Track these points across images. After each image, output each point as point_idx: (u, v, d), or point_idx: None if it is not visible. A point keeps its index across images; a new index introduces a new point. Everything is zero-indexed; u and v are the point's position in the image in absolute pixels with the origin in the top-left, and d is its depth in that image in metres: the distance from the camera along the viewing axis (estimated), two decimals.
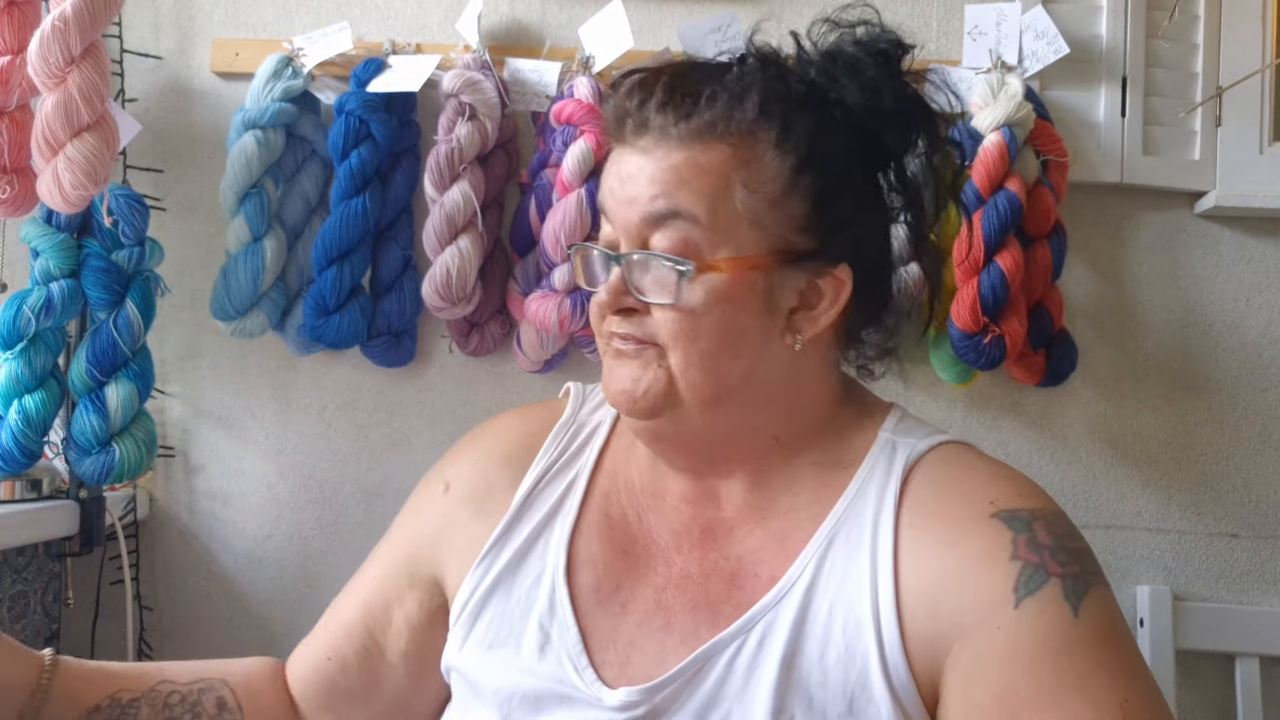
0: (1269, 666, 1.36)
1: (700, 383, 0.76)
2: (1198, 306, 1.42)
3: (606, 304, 0.78)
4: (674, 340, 0.76)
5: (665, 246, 0.75)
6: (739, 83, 0.77)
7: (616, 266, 0.77)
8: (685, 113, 0.75)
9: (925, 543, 0.74)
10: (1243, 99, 1.38)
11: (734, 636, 0.75)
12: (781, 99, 0.76)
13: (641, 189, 0.75)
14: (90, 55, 1.08)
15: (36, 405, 1.21)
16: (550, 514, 0.86)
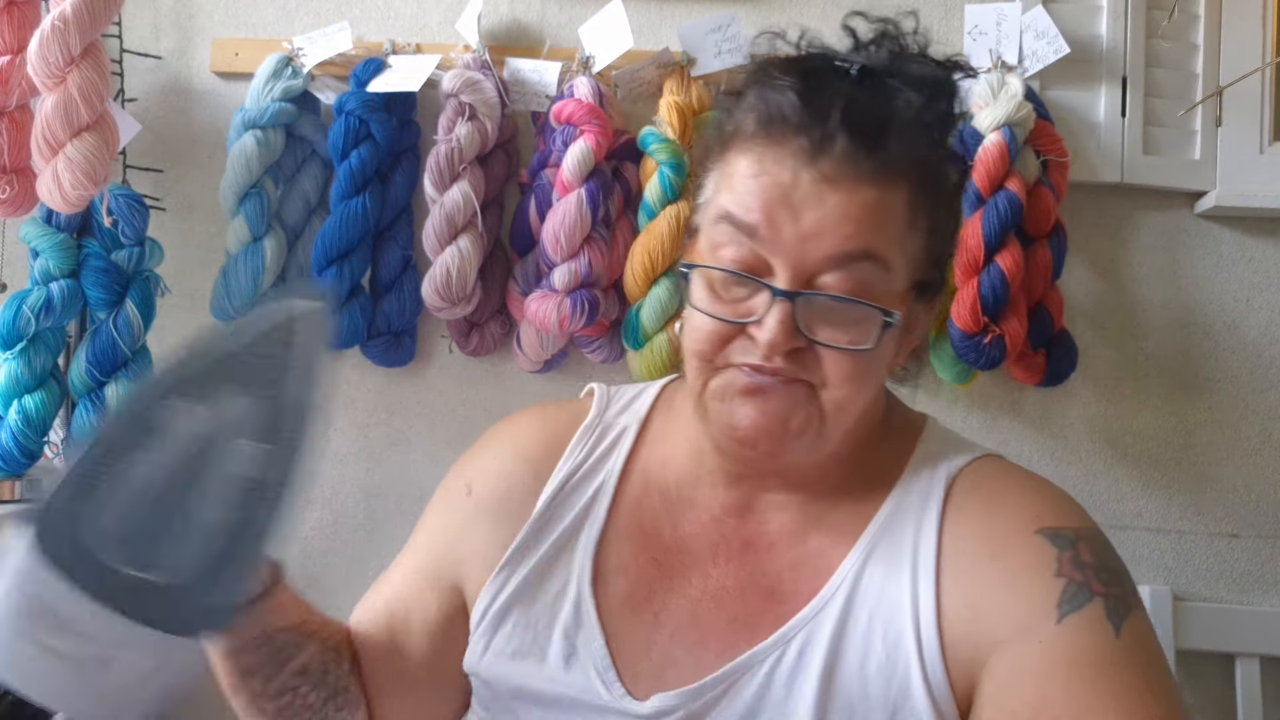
0: (1269, 666, 1.36)
1: (848, 419, 0.75)
2: (1198, 306, 1.42)
3: (778, 345, 0.70)
4: (843, 382, 0.72)
5: (844, 287, 0.70)
6: (913, 112, 0.72)
7: (783, 303, 0.70)
8: (875, 143, 0.70)
9: (968, 556, 0.74)
10: (1243, 99, 1.38)
11: (773, 647, 0.75)
12: (941, 130, 0.74)
13: (830, 226, 0.69)
14: (90, 55, 1.08)
15: (36, 405, 1.21)
16: (577, 521, 0.83)
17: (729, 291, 0.73)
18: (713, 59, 1.36)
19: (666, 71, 1.37)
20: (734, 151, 0.74)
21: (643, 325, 1.31)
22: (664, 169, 1.30)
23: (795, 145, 0.70)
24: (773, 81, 0.73)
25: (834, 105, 0.70)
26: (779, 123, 0.71)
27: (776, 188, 0.70)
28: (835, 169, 0.69)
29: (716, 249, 0.73)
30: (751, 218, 0.71)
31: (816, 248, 0.69)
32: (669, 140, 1.31)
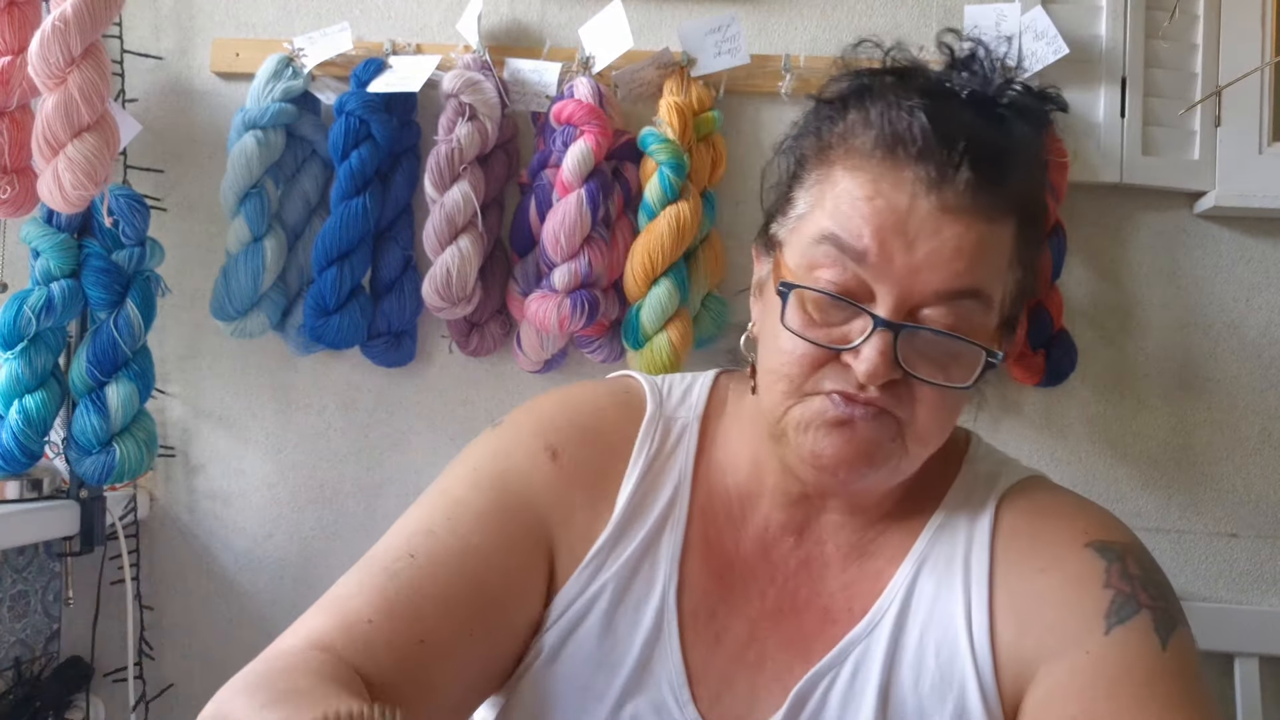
0: (1268, 666, 1.36)
1: (927, 454, 0.74)
2: (1197, 307, 1.42)
3: (876, 375, 0.67)
4: (932, 418, 0.70)
5: (946, 323, 0.68)
6: (1028, 147, 0.71)
7: (885, 333, 0.67)
8: (995, 179, 0.68)
9: (1019, 568, 0.74)
10: (1242, 99, 1.38)
11: (828, 669, 0.74)
12: (1042, 165, 0.73)
13: (944, 259, 0.67)
14: (90, 55, 1.08)
15: (37, 405, 1.21)
16: (659, 524, 0.78)
17: (825, 314, 0.70)
18: (712, 59, 1.36)
19: (666, 72, 1.37)
20: (840, 168, 0.71)
21: (643, 325, 1.31)
22: (664, 169, 1.30)
23: (918, 171, 0.67)
24: (899, 101, 0.70)
25: (960, 134, 0.68)
26: (903, 145, 0.68)
27: (892, 213, 0.67)
28: (956, 200, 0.67)
29: (814, 269, 0.70)
30: (862, 243, 0.68)
31: (927, 281, 0.67)
32: (669, 140, 1.31)
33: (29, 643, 1.36)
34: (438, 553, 0.74)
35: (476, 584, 0.73)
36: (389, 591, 0.71)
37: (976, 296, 0.68)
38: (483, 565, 0.74)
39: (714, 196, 1.39)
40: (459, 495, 0.77)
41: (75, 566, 1.38)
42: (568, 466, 0.79)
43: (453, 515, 0.76)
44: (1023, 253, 0.72)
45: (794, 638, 0.77)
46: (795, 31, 1.43)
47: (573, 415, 0.82)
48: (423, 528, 0.76)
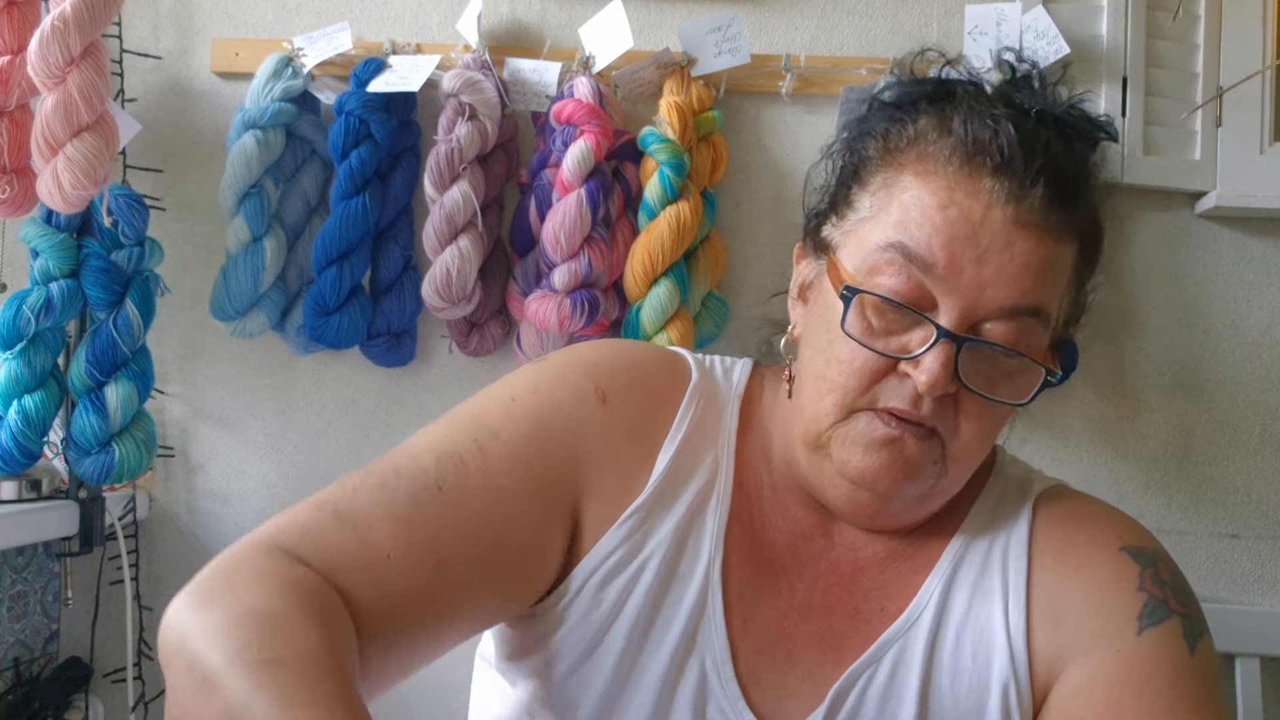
0: (1269, 666, 1.36)
1: (966, 473, 0.74)
2: (1198, 307, 1.42)
3: (937, 386, 0.66)
4: (978, 434, 0.70)
5: (1007, 339, 0.67)
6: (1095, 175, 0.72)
7: (947, 344, 0.66)
8: (1068, 199, 0.68)
9: (1056, 568, 0.75)
10: (1243, 99, 1.38)
11: (864, 667, 0.74)
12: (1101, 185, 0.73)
13: (1012, 276, 0.66)
14: (90, 55, 1.08)
15: (36, 405, 1.21)
16: (703, 494, 0.76)
17: (886, 322, 0.69)
18: (713, 59, 1.36)
19: (667, 71, 1.37)
20: (911, 174, 0.70)
21: (643, 325, 1.31)
22: (664, 169, 1.30)
23: (996, 183, 0.67)
24: (985, 111, 0.70)
25: (1039, 149, 0.68)
26: (984, 156, 0.67)
27: (965, 223, 0.66)
28: (1030, 215, 0.67)
29: (875, 275, 0.69)
30: (932, 253, 0.67)
31: (993, 295, 0.67)
32: (669, 140, 1.30)
33: (28, 643, 1.36)
34: (466, 489, 0.70)
35: (498, 525, 0.70)
36: (415, 523, 0.67)
37: (1038, 315, 0.68)
38: (508, 509, 0.71)
39: (714, 196, 1.38)
40: (494, 425, 0.73)
41: (74, 567, 1.38)
42: (617, 411, 0.76)
43: (486, 448, 0.72)
44: (1080, 275, 0.73)
45: (824, 635, 0.76)
46: (796, 31, 1.43)
47: (623, 363, 0.79)
48: (453, 452, 0.71)
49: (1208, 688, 0.70)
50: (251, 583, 0.60)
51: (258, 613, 0.57)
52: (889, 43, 1.42)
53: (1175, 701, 0.68)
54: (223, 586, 0.60)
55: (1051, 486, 0.81)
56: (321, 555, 0.64)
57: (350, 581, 0.64)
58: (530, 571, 0.73)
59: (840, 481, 0.71)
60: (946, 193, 0.68)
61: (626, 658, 0.74)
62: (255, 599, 0.58)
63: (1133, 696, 0.68)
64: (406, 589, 0.66)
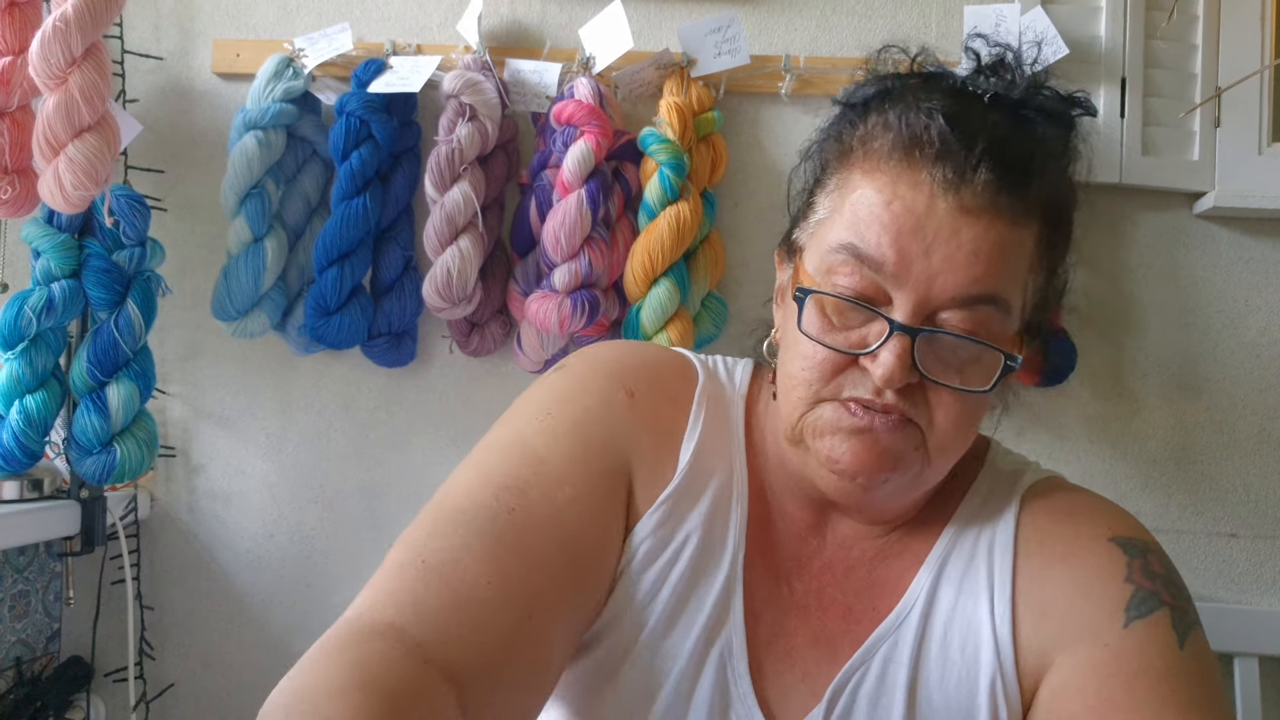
0: (1268, 666, 1.36)
1: (949, 463, 0.74)
2: (1196, 307, 1.42)
3: (893, 379, 0.67)
4: (953, 425, 0.70)
5: (964, 327, 0.67)
6: (1054, 155, 0.71)
7: (902, 337, 0.67)
8: (1016, 181, 0.67)
9: (1041, 559, 0.75)
10: (1241, 100, 1.38)
11: (856, 667, 0.75)
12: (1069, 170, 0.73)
13: (961, 263, 0.66)
14: (91, 56, 1.08)
15: (38, 405, 1.21)
16: (724, 489, 0.77)
17: (843, 319, 0.70)
18: (712, 60, 1.37)
19: (666, 72, 1.37)
20: (859, 172, 0.71)
21: (643, 325, 1.31)
22: (664, 169, 1.30)
23: (936, 172, 0.67)
24: (918, 103, 0.70)
25: (980, 134, 0.67)
26: (920, 147, 0.68)
27: (910, 216, 0.67)
28: (975, 200, 0.66)
29: (831, 274, 0.70)
30: (880, 253, 0.67)
31: (944, 285, 0.67)
32: (669, 140, 1.31)
33: (30, 643, 1.37)
34: (533, 513, 0.70)
35: (571, 543, 0.71)
36: (499, 555, 0.66)
37: (994, 302, 0.68)
38: (574, 524, 0.71)
39: (714, 196, 1.39)
40: (538, 446, 0.74)
41: (76, 566, 1.39)
42: (641, 409, 0.78)
43: (539, 470, 0.72)
44: (1046, 257, 0.72)
45: (820, 635, 0.77)
46: (795, 32, 1.44)
47: (640, 363, 0.81)
48: (510, 484, 0.71)
49: (1200, 680, 0.69)
50: (324, 664, 0.58)
51: (303, 692, 0.56)
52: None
53: (1167, 695, 0.67)
54: (302, 670, 0.58)
55: (1043, 479, 0.81)
56: (420, 614, 0.62)
57: (450, 628, 0.62)
58: (602, 577, 0.74)
59: (825, 472, 0.72)
60: (890, 188, 0.68)
61: (653, 643, 0.75)
62: (312, 680, 0.57)
63: (1122, 690, 0.67)
64: (505, 623, 0.64)
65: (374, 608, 0.63)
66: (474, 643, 0.62)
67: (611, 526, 0.75)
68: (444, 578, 0.64)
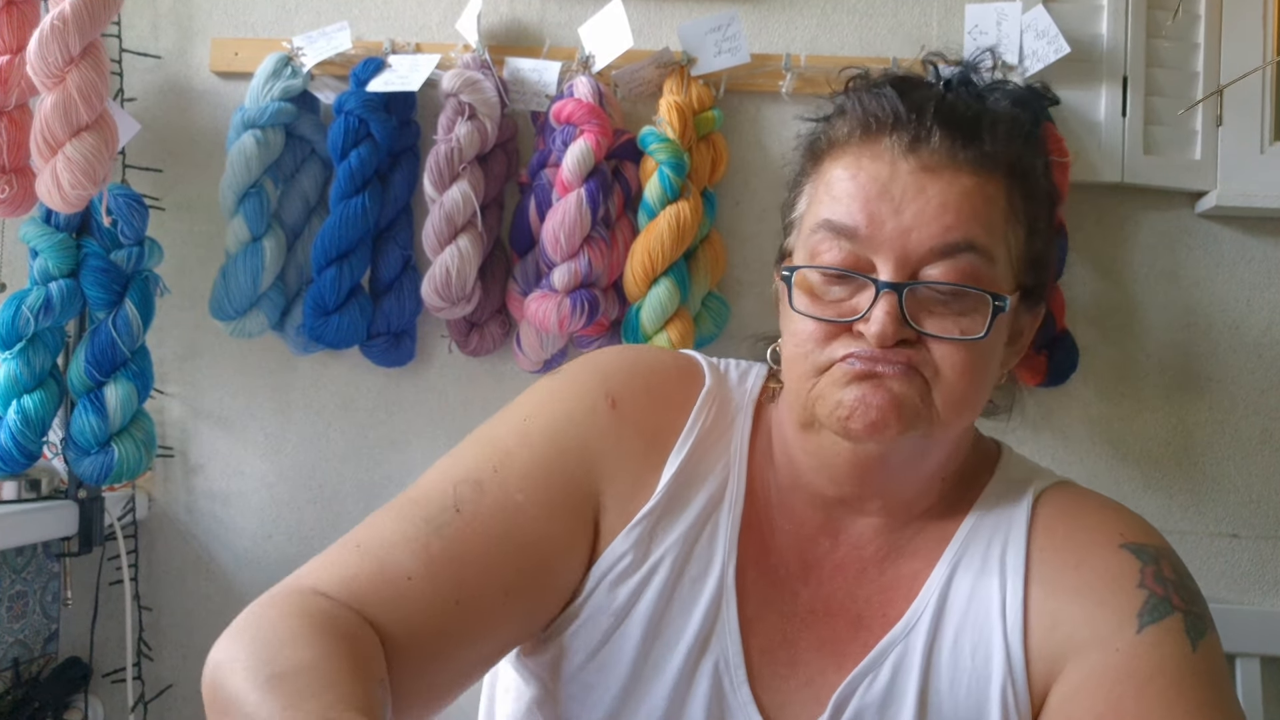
0: (1271, 667, 1.36)
1: (960, 419, 0.73)
2: (1198, 306, 1.42)
3: (887, 336, 0.68)
4: (958, 376, 0.70)
5: (949, 278, 0.69)
6: (1008, 114, 0.74)
7: (889, 294, 0.69)
8: (971, 136, 0.71)
9: (1054, 564, 0.75)
10: (1243, 99, 1.38)
11: (865, 672, 0.74)
12: (1034, 135, 0.75)
13: (931, 215, 0.69)
14: (89, 55, 1.08)
15: (35, 405, 1.21)
16: (714, 499, 0.77)
17: (830, 293, 0.72)
18: (712, 58, 1.36)
19: (666, 71, 1.37)
20: (828, 161, 0.75)
21: (643, 325, 1.31)
22: (664, 168, 1.30)
23: (893, 140, 0.71)
24: (869, 89, 0.74)
25: (929, 102, 0.71)
26: (876, 122, 0.72)
27: (875, 183, 0.70)
28: (934, 158, 0.70)
29: (815, 256, 0.72)
30: (852, 220, 0.70)
31: (919, 239, 0.69)
32: (669, 140, 1.30)
33: (27, 643, 1.36)
34: (484, 510, 0.72)
35: (520, 546, 0.72)
36: (433, 548, 0.70)
37: (973, 249, 0.69)
38: (528, 527, 0.73)
39: (714, 196, 1.38)
40: (509, 447, 0.76)
41: (74, 567, 1.38)
42: (626, 416, 0.78)
43: (501, 468, 0.74)
44: (1023, 211, 0.73)
45: (826, 641, 0.76)
46: (796, 30, 1.43)
47: (635, 369, 0.82)
48: (470, 478, 0.74)
49: (1212, 686, 0.69)
50: (273, 615, 0.64)
51: (268, 638, 0.62)
52: (889, 42, 1.42)
53: (1177, 700, 0.67)
54: (249, 622, 0.65)
55: (1055, 484, 0.81)
56: (346, 586, 0.68)
57: (374, 606, 0.67)
58: (553, 584, 0.75)
59: (840, 445, 0.72)
60: (855, 163, 0.72)
61: (638, 659, 0.75)
62: (272, 628, 0.63)
63: (1133, 696, 0.67)
64: (430, 610, 0.68)
65: (308, 576, 0.69)
66: (394, 616, 0.67)
67: (569, 536, 0.75)
68: (378, 562, 0.69)
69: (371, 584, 0.68)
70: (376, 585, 0.67)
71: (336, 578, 0.68)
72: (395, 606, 0.67)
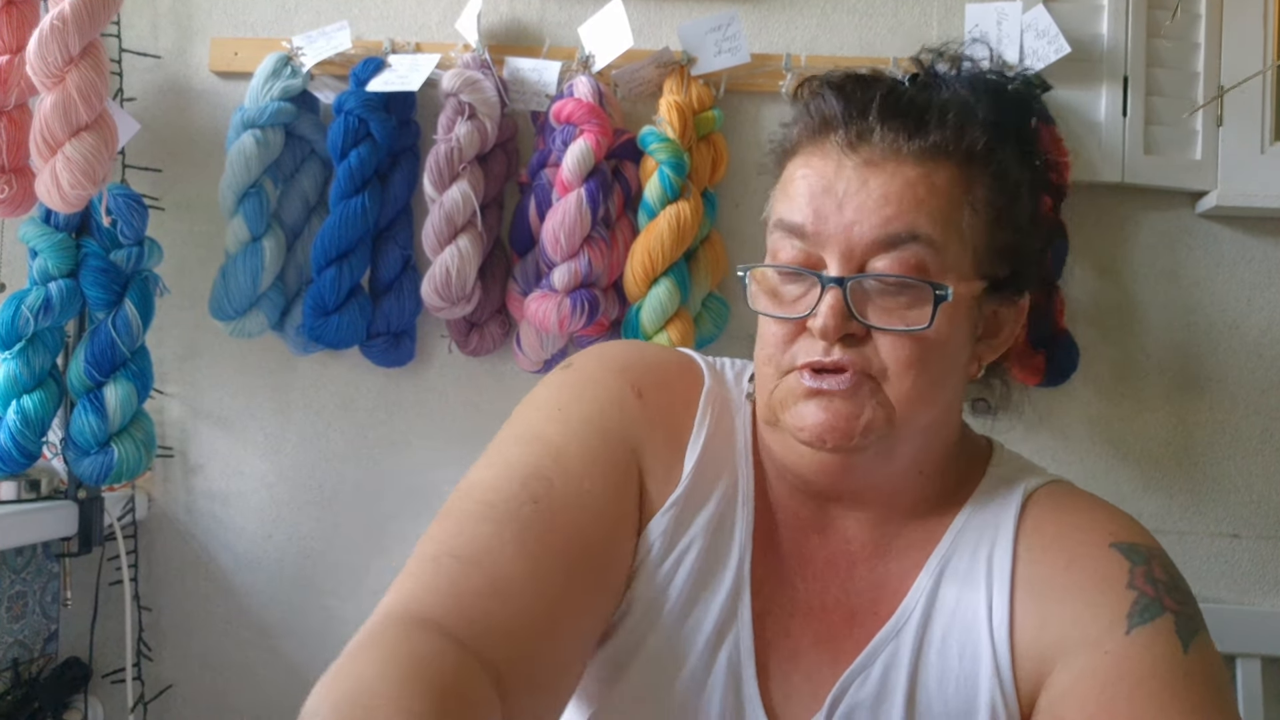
0: (1270, 667, 1.36)
1: (919, 414, 0.73)
2: (1199, 306, 1.42)
3: (829, 330, 0.69)
4: (904, 369, 0.70)
5: (894, 270, 0.70)
6: (960, 103, 0.74)
7: (833, 289, 0.70)
8: (916, 127, 0.71)
9: (1042, 564, 0.74)
10: (1244, 99, 1.38)
11: (859, 671, 0.75)
12: (994, 124, 0.74)
13: (871, 208, 0.70)
14: (89, 54, 1.08)
15: (35, 405, 1.21)
16: (730, 492, 0.78)
17: (786, 291, 0.74)
18: (713, 58, 1.36)
19: (666, 71, 1.37)
20: (789, 164, 0.77)
21: (643, 325, 1.30)
22: (664, 168, 1.30)
23: (838, 137, 0.72)
24: (821, 91, 0.76)
25: (872, 100, 0.72)
26: (822, 123, 0.74)
27: (820, 179, 0.72)
28: (877, 153, 0.71)
29: (774, 256, 0.75)
30: (799, 216, 0.72)
31: (860, 232, 0.70)
32: (669, 139, 1.30)
33: (27, 643, 1.36)
34: (558, 500, 0.71)
35: (597, 534, 0.72)
36: (527, 541, 0.68)
37: (916, 239, 0.70)
38: (600, 514, 0.73)
39: (714, 196, 1.38)
40: (557, 441, 0.75)
41: (73, 567, 1.38)
42: (651, 407, 0.79)
43: (560, 460, 0.73)
44: (984, 200, 0.73)
45: (823, 637, 0.77)
46: (796, 30, 1.43)
47: (648, 363, 0.83)
48: (534, 473, 0.72)
49: (1205, 687, 0.68)
50: (373, 659, 0.58)
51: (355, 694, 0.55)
52: (889, 42, 1.42)
53: (1170, 702, 0.66)
54: (346, 667, 0.58)
55: (1047, 483, 0.80)
56: (458, 605, 0.63)
57: (491, 618, 0.63)
58: (621, 569, 0.76)
59: (800, 449, 0.73)
60: (805, 162, 0.74)
61: (665, 646, 0.76)
62: (363, 679, 0.56)
63: (1124, 699, 0.67)
64: (538, 614, 0.66)
65: (412, 600, 0.63)
66: (513, 633, 0.63)
67: (626, 522, 0.76)
68: (481, 568, 0.65)
69: (482, 593, 0.64)
70: (487, 591, 0.64)
71: (446, 595, 0.63)
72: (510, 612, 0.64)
